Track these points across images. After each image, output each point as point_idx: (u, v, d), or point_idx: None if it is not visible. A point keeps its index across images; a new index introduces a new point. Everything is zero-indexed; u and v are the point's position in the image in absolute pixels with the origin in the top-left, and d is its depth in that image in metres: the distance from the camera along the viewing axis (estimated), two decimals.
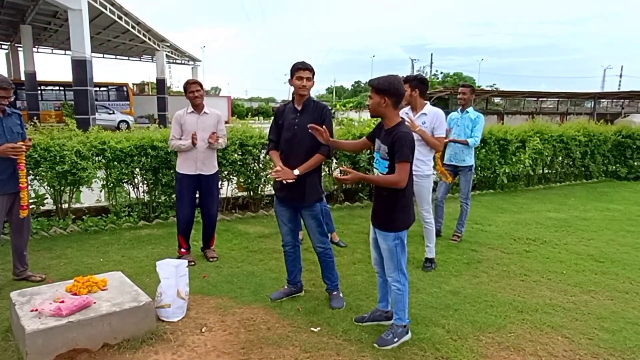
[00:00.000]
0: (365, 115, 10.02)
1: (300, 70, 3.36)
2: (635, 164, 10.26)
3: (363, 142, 3.24)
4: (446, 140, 4.98)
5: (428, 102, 4.32)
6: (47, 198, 5.62)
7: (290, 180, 3.33)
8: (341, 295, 3.70)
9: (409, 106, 4.36)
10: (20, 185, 3.77)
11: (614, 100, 39.45)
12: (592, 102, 34.28)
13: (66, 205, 5.70)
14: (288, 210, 3.61)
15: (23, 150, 3.72)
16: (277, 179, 3.40)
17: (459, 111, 5.24)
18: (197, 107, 4.39)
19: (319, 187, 3.55)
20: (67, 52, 25.25)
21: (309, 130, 3.20)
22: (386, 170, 2.92)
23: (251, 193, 6.66)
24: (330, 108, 3.60)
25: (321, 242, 3.58)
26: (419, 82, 4.29)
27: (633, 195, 8.38)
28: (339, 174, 2.88)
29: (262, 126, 7.48)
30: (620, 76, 67.17)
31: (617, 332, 3.22)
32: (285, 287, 3.81)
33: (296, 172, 3.34)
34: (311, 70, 3.40)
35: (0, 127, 3.69)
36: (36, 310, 2.85)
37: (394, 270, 3.01)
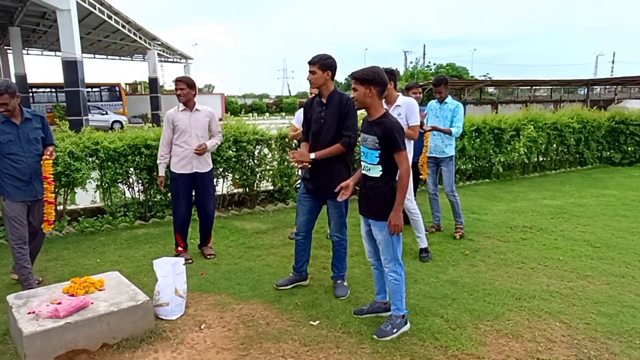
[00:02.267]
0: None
1: (309, 66, 3.50)
2: (629, 149, 10.31)
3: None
4: (427, 129, 4.90)
5: (400, 94, 4.37)
6: None
7: (306, 164, 3.45)
8: (345, 284, 3.74)
9: (384, 100, 4.39)
10: (47, 199, 3.64)
11: (607, 87, 39.56)
12: (585, 89, 34.35)
13: (61, 207, 5.67)
14: (312, 202, 3.69)
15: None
16: (299, 166, 3.53)
17: (437, 101, 5.16)
18: (186, 105, 4.35)
19: (347, 179, 3.59)
20: (58, 53, 25.04)
21: (335, 123, 3.43)
22: (377, 160, 2.94)
23: (247, 189, 6.65)
24: (354, 101, 3.62)
25: (339, 232, 3.68)
26: (389, 75, 4.29)
27: (627, 181, 8.42)
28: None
29: (256, 122, 7.46)
30: (613, 62, 67.49)
31: (614, 316, 3.24)
32: (291, 274, 3.87)
33: (312, 155, 3.44)
34: (315, 63, 3.46)
35: (15, 134, 3.55)
36: (33, 312, 2.84)
37: (390, 261, 3.02)
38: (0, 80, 3.52)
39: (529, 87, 37.14)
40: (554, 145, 9.51)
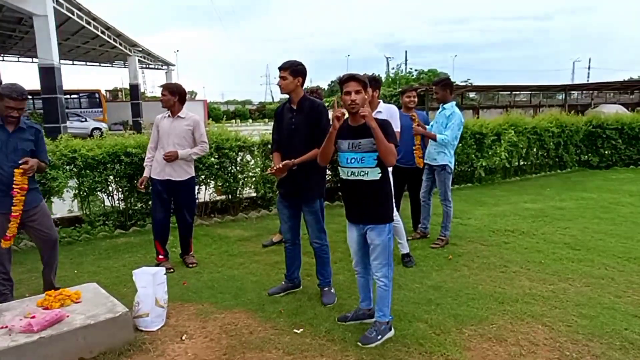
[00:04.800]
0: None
1: (279, 71, 3.48)
2: (606, 152, 10.53)
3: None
4: (415, 129, 4.79)
5: (381, 101, 4.35)
6: None
7: (286, 169, 3.41)
8: (332, 291, 3.71)
9: None
10: (12, 213, 3.32)
11: (584, 92, 40.49)
12: (563, 94, 35.10)
13: None
14: (290, 208, 3.67)
15: None
16: (275, 175, 3.49)
17: (441, 106, 5.05)
18: (170, 111, 4.31)
19: (321, 184, 3.62)
20: (35, 59, 24.59)
21: (307, 129, 3.41)
22: (375, 162, 2.89)
23: (229, 196, 6.58)
24: (326, 106, 3.62)
25: (318, 238, 3.64)
26: (376, 82, 4.29)
27: (605, 184, 8.58)
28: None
29: (239, 129, 7.41)
30: (589, 68, 69.08)
31: (594, 318, 3.27)
32: (283, 282, 3.84)
33: (294, 162, 3.41)
34: (286, 68, 3.44)
35: (2, 141, 3.33)
36: (6, 327, 2.74)
37: (384, 265, 2.99)
38: (18, 86, 3.33)
39: (509, 92, 37.76)
40: (534, 150, 9.66)
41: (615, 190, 7.89)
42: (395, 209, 4.37)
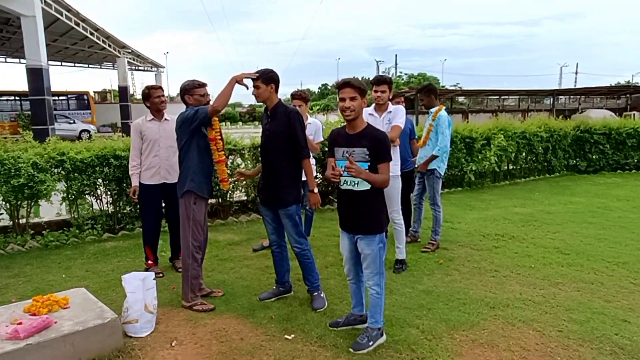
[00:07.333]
0: (333, 117, 10.04)
1: (252, 81, 3.54)
2: (594, 157, 10.64)
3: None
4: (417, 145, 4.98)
5: (390, 102, 4.38)
6: (2, 213, 5.35)
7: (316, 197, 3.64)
8: (322, 295, 3.69)
9: (372, 106, 4.36)
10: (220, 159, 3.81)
11: (571, 97, 41.05)
12: (551, 99, 35.52)
13: (24, 220, 5.44)
14: (270, 211, 3.68)
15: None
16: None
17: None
18: (159, 114, 4.27)
19: (295, 190, 3.62)
20: (22, 60, 24.27)
21: (281, 135, 3.47)
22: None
23: (220, 200, 6.53)
24: (299, 113, 3.62)
25: (298, 243, 3.62)
26: (391, 83, 4.33)
27: (593, 188, 8.68)
28: (341, 170, 2.81)
29: (229, 131, 7.37)
30: (576, 73, 69.67)
31: (584, 323, 3.29)
32: (274, 287, 3.82)
33: (315, 190, 3.60)
34: (257, 78, 3.49)
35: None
36: None
37: (375, 274, 2.97)
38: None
39: (498, 97, 38.17)
40: (523, 154, 9.74)
41: (604, 194, 7.98)
42: (400, 212, 4.38)
